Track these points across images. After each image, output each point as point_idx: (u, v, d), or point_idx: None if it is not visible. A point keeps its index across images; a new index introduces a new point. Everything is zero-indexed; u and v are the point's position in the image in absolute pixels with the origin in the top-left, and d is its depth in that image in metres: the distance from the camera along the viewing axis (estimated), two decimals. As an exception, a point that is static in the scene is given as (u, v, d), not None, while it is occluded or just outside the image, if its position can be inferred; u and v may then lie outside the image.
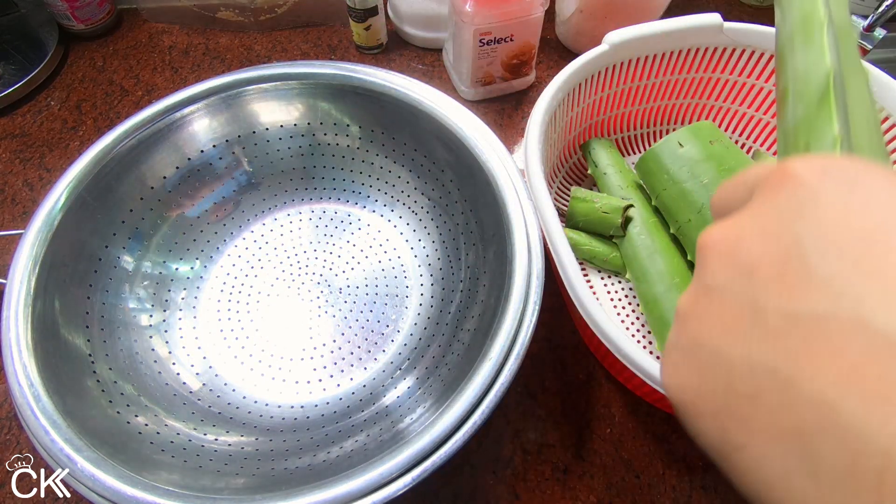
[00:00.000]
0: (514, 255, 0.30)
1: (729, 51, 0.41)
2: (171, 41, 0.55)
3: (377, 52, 0.53)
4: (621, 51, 0.39)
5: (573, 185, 0.44)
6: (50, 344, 0.29)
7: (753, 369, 0.11)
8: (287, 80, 0.37)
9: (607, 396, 0.36)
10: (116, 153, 0.34)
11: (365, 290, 0.39)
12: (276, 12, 0.54)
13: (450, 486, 0.33)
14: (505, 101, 0.50)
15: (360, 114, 0.39)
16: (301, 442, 0.31)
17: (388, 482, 0.24)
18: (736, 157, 0.35)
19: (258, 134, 0.39)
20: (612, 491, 0.33)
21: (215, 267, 0.39)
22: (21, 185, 0.45)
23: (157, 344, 0.35)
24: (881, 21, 0.44)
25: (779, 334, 0.11)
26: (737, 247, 0.13)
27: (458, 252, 0.38)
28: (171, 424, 0.31)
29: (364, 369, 0.36)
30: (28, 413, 0.26)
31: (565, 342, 0.38)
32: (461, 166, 0.35)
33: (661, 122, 0.46)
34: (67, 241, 0.32)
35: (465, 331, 0.33)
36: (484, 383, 0.26)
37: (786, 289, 0.11)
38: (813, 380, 0.10)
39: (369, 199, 0.42)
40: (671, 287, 0.34)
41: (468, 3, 0.42)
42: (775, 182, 0.13)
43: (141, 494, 0.24)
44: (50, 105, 0.50)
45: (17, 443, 0.34)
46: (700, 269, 0.14)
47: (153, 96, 0.51)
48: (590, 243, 0.39)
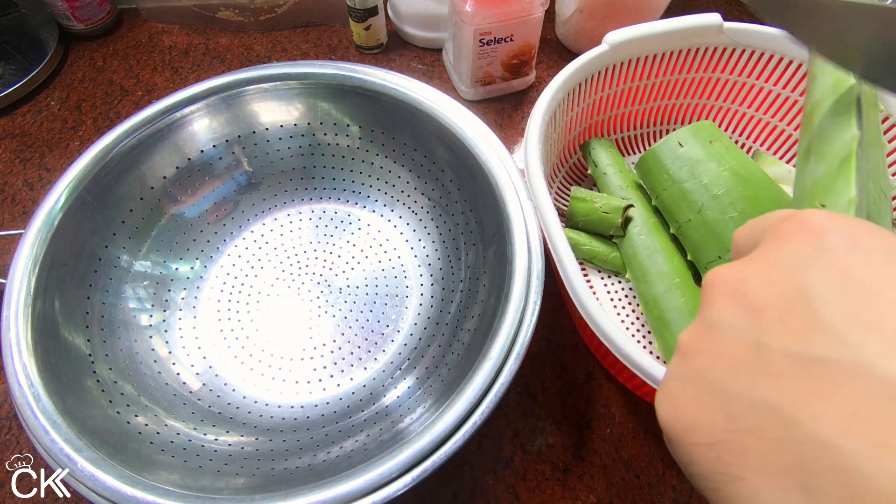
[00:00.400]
0: (514, 255, 0.30)
1: (729, 51, 0.41)
2: (171, 41, 0.55)
3: (377, 52, 0.53)
4: (621, 51, 0.39)
5: (573, 185, 0.44)
6: (50, 344, 0.29)
7: (755, 405, 0.12)
8: (287, 80, 0.37)
9: (607, 396, 0.36)
10: (116, 153, 0.34)
11: (365, 290, 0.39)
12: (276, 12, 0.54)
13: (450, 486, 0.33)
14: (505, 101, 0.50)
15: (360, 114, 0.39)
16: (301, 442, 0.31)
17: (388, 482, 0.24)
18: (736, 157, 0.35)
19: (258, 134, 0.39)
20: (612, 491, 0.33)
21: (215, 267, 0.39)
22: (21, 185, 0.45)
23: (157, 344, 0.35)
24: (881, 21, 0.44)
25: (783, 374, 0.12)
26: (744, 288, 0.14)
27: (458, 252, 0.38)
28: (171, 424, 0.31)
29: (364, 369, 0.36)
30: (28, 413, 0.26)
31: (565, 342, 0.38)
32: (461, 166, 0.35)
33: (661, 122, 0.46)
34: (67, 241, 0.32)
35: (465, 331, 0.33)
36: (484, 383, 0.26)
37: (791, 331, 0.12)
38: (816, 420, 0.11)
39: (369, 199, 0.42)
40: (671, 287, 0.34)
41: (468, 3, 0.42)
42: (788, 231, 0.14)
43: (141, 494, 0.24)
44: (50, 105, 0.50)
45: (17, 443, 0.34)
46: (705, 307, 0.15)
47: (153, 96, 0.51)
48: (590, 243, 0.39)
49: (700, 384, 0.13)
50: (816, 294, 0.12)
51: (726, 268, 0.15)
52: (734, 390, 0.12)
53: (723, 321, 0.14)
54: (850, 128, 0.21)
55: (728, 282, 0.14)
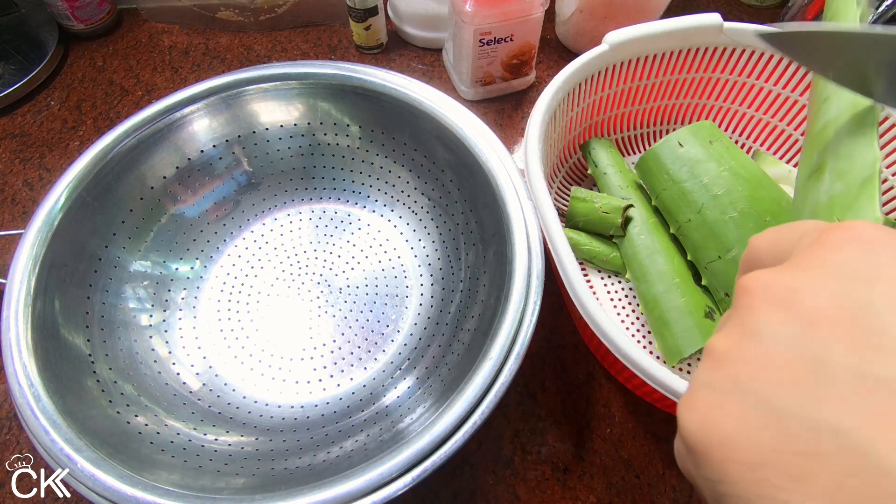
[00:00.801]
0: (514, 255, 0.30)
1: (729, 51, 0.41)
2: (171, 41, 0.55)
3: (377, 52, 0.53)
4: (621, 51, 0.39)
5: (573, 185, 0.44)
6: (50, 344, 0.29)
7: (815, 428, 0.11)
8: (287, 80, 0.37)
9: (607, 396, 0.36)
10: (116, 153, 0.34)
11: (365, 290, 0.39)
12: (276, 12, 0.54)
13: (450, 486, 0.33)
14: (505, 101, 0.50)
15: (360, 114, 0.39)
16: (301, 442, 0.31)
17: (388, 482, 0.24)
18: (736, 157, 0.35)
19: (258, 134, 0.39)
20: (612, 491, 0.33)
21: (215, 267, 0.39)
22: (21, 185, 0.45)
23: (157, 344, 0.35)
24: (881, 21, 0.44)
25: (850, 395, 0.11)
26: (794, 297, 0.13)
27: (458, 252, 0.38)
28: (171, 424, 0.31)
29: (364, 369, 0.36)
30: (28, 413, 0.26)
31: (565, 342, 0.38)
32: (461, 166, 0.35)
33: (661, 122, 0.46)
34: (67, 241, 0.32)
35: (465, 331, 0.33)
36: (484, 383, 0.26)
37: (857, 349, 0.11)
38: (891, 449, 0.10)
39: (369, 199, 0.42)
40: (671, 287, 0.34)
41: (468, 3, 0.42)
42: (836, 241, 0.13)
43: (141, 494, 0.24)
44: (50, 105, 0.50)
45: (17, 443, 0.34)
46: (744, 312, 0.14)
47: (153, 96, 0.51)
48: (590, 243, 0.39)
49: (742, 396, 0.12)
50: (882, 311, 0.11)
51: (765, 273, 0.14)
52: (788, 408, 0.11)
53: (769, 330, 0.13)
54: (872, 149, 0.21)
55: (772, 288, 0.13)
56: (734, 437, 0.12)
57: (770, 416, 0.12)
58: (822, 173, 0.23)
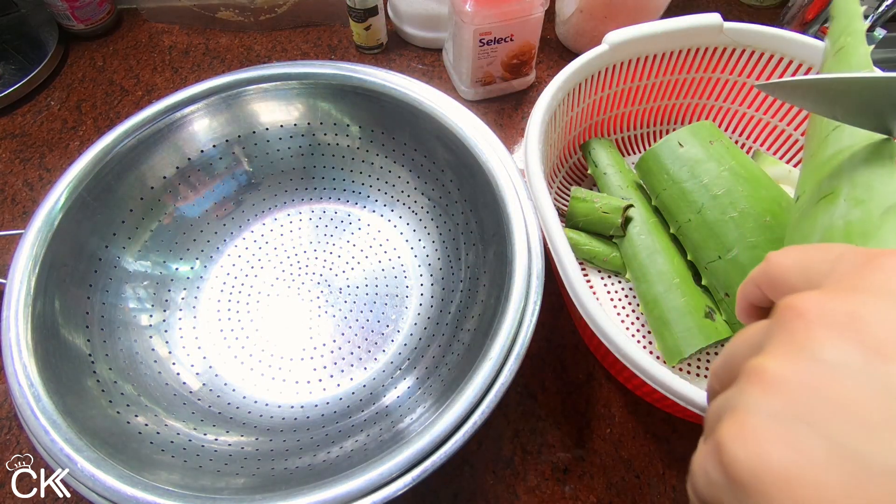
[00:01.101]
0: (514, 255, 0.30)
1: (729, 51, 0.41)
2: (171, 41, 0.55)
3: (377, 52, 0.53)
4: (621, 51, 0.39)
5: (573, 185, 0.44)
6: (50, 344, 0.29)
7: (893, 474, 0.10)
8: (287, 80, 0.37)
9: (607, 396, 0.36)
10: (116, 153, 0.34)
11: (365, 290, 0.39)
12: (276, 12, 0.54)
13: (450, 486, 0.33)
14: (505, 101, 0.50)
15: (360, 114, 0.39)
16: (301, 442, 0.31)
17: (388, 482, 0.24)
18: (736, 157, 0.35)
19: (258, 134, 0.39)
20: (612, 491, 0.33)
21: (215, 267, 0.39)
22: (21, 185, 0.45)
23: (157, 344, 0.35)
24: (881, 21, 0.44)
25: None
26: (856, 323, 0.12)
27: (458, 252, 0.38)
28: (171, 424, 0.31)
29: (364, 369, 0.36)
30: (28, 413, 0.26)
31: (565, 342, 0.38)
32: (461, 166, 0.35)
33: (661, 122, 0.46)
34: (67, 241, 0.32)
35: (465, 331, 0.33)
36: (484, 383, 0.26)
37: None
38: None
39: (369, 199, 0.42)
40: (671, 287, 0.34)
41: (468, 3, 0.42)
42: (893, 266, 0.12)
43: (141, 494, 0.24)
44: (50, 105, 0.50)
45: (17, 443, 0.34)
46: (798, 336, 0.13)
47: (153, 96, 0.51)
48: (590, 243, 0.39)
49: (808, 431, 0.11)
50: None
51: (819, 296, 0.13)
52: (866, 451, 0.11)
53: (833, 357, 0.12)
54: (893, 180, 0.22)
55: (829, 313, 0.12)
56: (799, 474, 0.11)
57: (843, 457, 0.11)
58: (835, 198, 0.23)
